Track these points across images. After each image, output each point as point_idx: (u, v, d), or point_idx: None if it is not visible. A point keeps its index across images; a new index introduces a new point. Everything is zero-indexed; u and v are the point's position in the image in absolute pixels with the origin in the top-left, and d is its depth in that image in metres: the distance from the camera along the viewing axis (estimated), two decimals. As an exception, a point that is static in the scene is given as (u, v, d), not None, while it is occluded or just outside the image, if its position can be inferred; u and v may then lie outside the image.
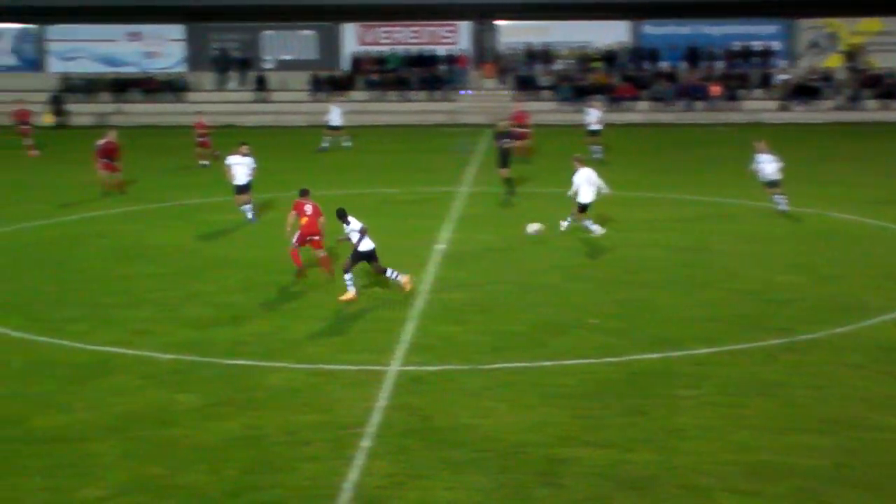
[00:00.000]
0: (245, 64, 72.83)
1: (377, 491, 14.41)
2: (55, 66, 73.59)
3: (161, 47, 73.55)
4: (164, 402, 17.90)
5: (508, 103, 67.86)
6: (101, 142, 39.77)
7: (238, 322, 22.77)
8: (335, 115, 55.77)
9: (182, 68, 73.53)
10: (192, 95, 71.59)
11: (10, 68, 73.66)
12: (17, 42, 74.10)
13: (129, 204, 37.89)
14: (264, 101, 71.10)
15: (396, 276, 24.78)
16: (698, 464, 15.23)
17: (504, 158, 38.18)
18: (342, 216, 24.73)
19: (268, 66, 73.24)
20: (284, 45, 73.46)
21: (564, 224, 31.44)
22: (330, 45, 73.15)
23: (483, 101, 69.81)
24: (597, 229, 31.24)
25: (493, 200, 37.09)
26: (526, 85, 70.26)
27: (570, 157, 32.56)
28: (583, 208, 31.27)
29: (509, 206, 36.29)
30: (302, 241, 26.11)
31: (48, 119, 67.33)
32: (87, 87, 71.94)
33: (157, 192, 40.25)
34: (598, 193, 31.30)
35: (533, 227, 26.63)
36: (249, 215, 33.64)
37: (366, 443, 15.99)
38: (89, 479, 14.91)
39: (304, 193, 26.74)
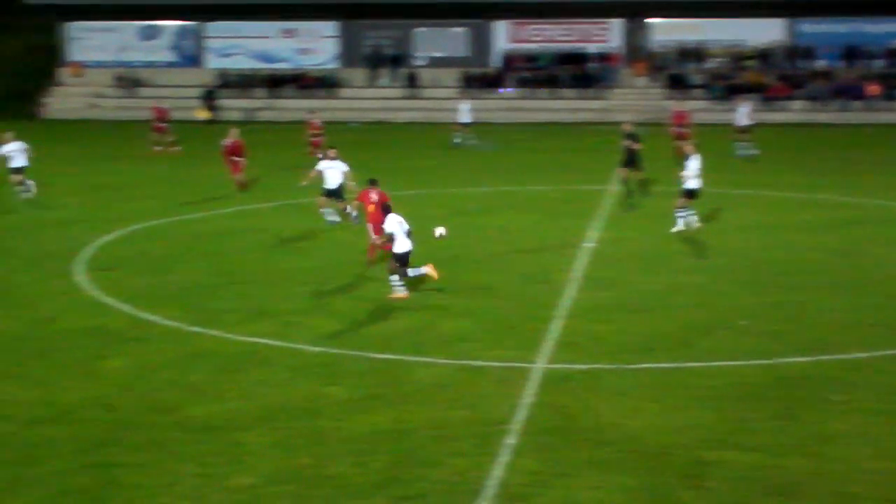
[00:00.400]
0: (397, 61, 73.42)
1: (521, 488, 14.44)
2: (213, 62, 75.06)
3: (315, 44, 74.57)
4: (312, 394, 18.17)
5: (659, 101, 67.36)
6: (228, 141, 39.96)
7: (387, 316, 22.99)
8: (465, 111, 56.01)
9: (335, 65, 74.42)
10: (344, 91, 72.47)
11: (170, 64, 75.39)
12: (177, 39, 75.77)
13: (283, 198, 38.49)
14: (415, 97, 71.61)
15: (421, 272, 24.69)
16: (849, 471, 14.95)
17: (629, 160, 37.47)
18: (386, 210, 25.01)
19: (419, 62, 73.74)
20: (436, 42, 73.87)
21: (693, 222, 31.18)
22: (481, 43, 73.34)
23: (634, 100, 69.38)
24: (692, 222, 31.01)
25: (643, 200, 36.82)
26: (677, 83, 69.61)
27: (686, 145, 32.42)
28: (690, 194, 31.00)
29: (631, 208, 35.63)
30: (378, 230, 26.23)
31: (201, 114, 68.70)
32: (243, 82, 73.25)
33: (309, 186, 40.72)
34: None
35: (438, 231, 26.55)
36: (331, 218, 32.68)
37: (511, 440, 16.03)
38: (240, 467, 15.22)
39: (372, 183, 27.44)
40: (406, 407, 17.52)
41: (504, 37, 73.29)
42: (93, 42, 75.89)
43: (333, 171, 32.31)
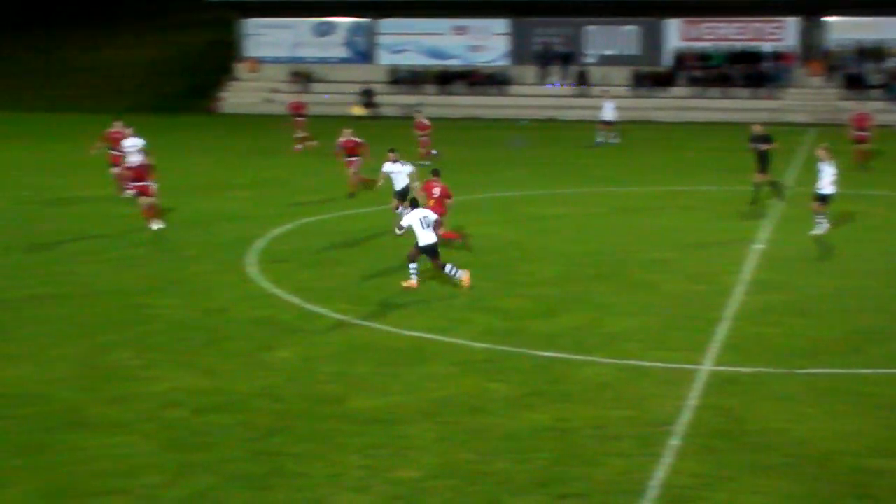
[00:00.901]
0: (567, 58, 73.23)
1: (684, 491, 14.31)
2: (384, 58, 75.85)
3: (486, 41, 74.76)
4: (476, 390, 18.27)
5: (835, 102, 65.99)
6: (341, 140, 39.15)
7: (552, 314, 22.98)
8: (608, 109, 55.58)
9: (505, 62, 74.52)
10: (514, 89, 72.58)
11: (342, 60, 76.40)
12: (351, 35, 76.74)
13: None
14: (585, 95, 71.33)
15: (455, 273, 24.88)
16: None
17: (762, 163, 36.34)
18: (413, 204, 25.74)
19: (590, 60, 73.43)
20: (607, 40, 73.44)
21: (820, 230, 30.54)
22: (652, 41, 72.68)
23: (809, 100, 68.07)
24: (824, 227, 30.45)
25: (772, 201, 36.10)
26: (854, 83, 68.05)
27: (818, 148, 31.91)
28: (823, 199, 30.37)
29: (759, 209, 34.71)
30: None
31: (357, 110, 69.65)
32: (414, 79, 73.87)
33: (477, 184, 40.88)
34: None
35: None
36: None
37: (674, 441, 15.90)
38: (404, 460, 15.38)
39: (435, 174, 28.80)
40: (568, 405, 17.50)
41: (676, 35, 72.52)
42: (269, 38, 77.32)
43: (399, 174, 32.41)
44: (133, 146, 36.59)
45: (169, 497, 14.20)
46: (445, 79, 73.69)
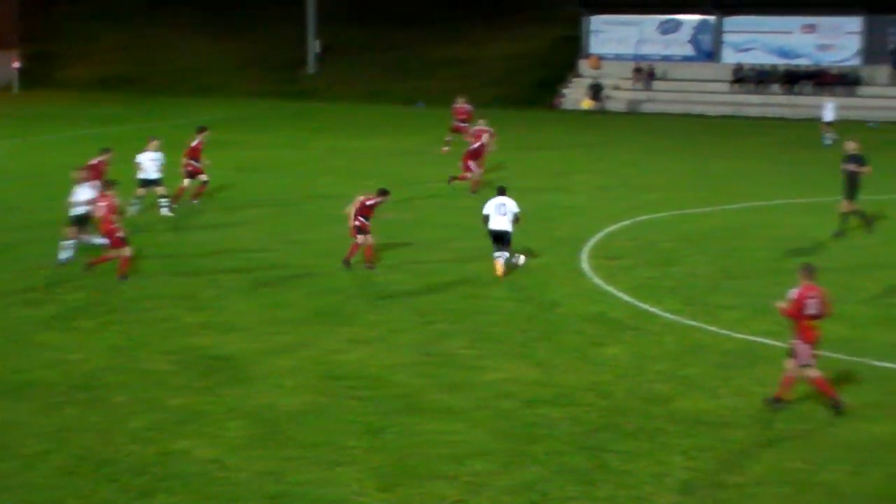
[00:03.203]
0: (922, 59, 70.22)
1: None
2: (729, 56, 74.59)
3: (836, 40, 72.37)
4: (809, 398, 17.80)
5: None
6: (474, 144, 38.24)
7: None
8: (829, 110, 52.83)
9: (856, 62, 71.95)
10: (865, 90, 70.13)
11: (685, 58, 75.63)
12: (696, 32, 75.84)
13: (790, 196, 37.90)
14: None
15: (518, 260, 26.00)
16: None
17: (849, 187, 31.08)
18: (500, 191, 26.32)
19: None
20: (968, 39, 69.99)
21: None
22: None
23: None
24: None
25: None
26: None
27: None
28: None
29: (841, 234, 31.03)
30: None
31: (586, 104, 71.11)
32: (758, 78, 72.39)
33: (825, 185, 39.86)
34: None
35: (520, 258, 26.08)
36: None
37: None
38: (730, 464, 15.22)
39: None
40: (908, 419, 16.91)
41: None
42: (613, 35, 77.36)
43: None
44: (153, 159, 33.04)
45: (497, 486, 14.50)
46: (792, 78, 71.82)
